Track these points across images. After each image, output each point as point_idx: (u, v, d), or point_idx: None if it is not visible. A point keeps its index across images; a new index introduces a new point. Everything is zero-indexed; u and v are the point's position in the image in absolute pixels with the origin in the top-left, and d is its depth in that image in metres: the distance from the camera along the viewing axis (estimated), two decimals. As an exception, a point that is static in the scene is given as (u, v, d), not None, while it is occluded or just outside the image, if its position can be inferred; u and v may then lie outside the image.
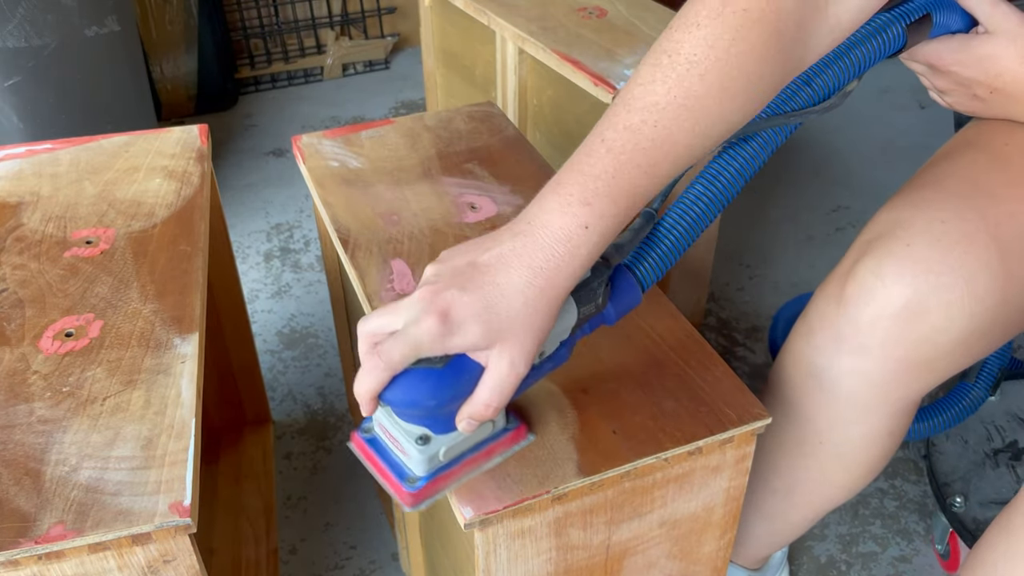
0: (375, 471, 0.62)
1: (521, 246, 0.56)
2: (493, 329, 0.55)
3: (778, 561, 1.06)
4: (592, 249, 0.56)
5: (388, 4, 2.26)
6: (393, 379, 0.56)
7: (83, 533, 0.58)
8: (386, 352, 0.55)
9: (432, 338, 0.54)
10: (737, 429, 0.66)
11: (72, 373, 0.70)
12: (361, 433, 0.63)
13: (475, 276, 0.55)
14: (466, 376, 0.56)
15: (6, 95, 1.38)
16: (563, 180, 0.57)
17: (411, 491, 0.59)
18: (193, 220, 0.86)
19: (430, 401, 0.56)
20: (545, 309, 0.56)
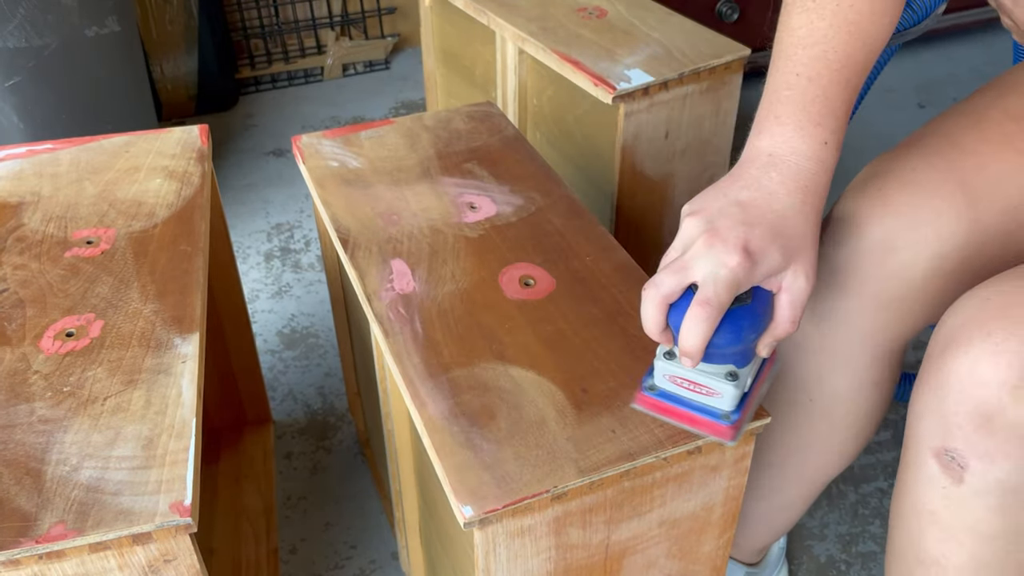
0: (679, 420, 0.64)
1: (781, 175, 0.62)
2: (787, 251, 0.60)
3: (776, 557, 1.07)
4: (834, 162, 0.64)
5: (388, 4, 2.26)
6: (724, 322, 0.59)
7: (84, 533, 0.58)
8: (711, 299, 0.58)
9: (744, 273, 0.58)
10: (736, 428, 0.66)
11: (73, 373, 0.70)
12: (647, 392, 0.65)
13: (750, 210, 0.60)
14: (767, 303, 0.61)
15: (6, 95, 1.38)
16: (780, 113, 0.64)
17: (730, 425, 0.62)
18: (193, 220, 0.86)
19: (753, 334, 0.61)
20: (817, 222, 0.63)
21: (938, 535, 0.67)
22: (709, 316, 0.58)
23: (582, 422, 0.66)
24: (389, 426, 0.88)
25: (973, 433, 0.61)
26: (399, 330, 0.74)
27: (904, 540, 0.71)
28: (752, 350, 0.63)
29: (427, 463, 0.75)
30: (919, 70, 2.22)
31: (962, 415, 0.61)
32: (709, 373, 0.62)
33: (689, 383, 0.63)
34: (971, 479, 0.62)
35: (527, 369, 0.70)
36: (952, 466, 0.63)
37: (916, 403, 0.66)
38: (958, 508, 0.64)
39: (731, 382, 0.62)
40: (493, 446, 0.64)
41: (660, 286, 0.60)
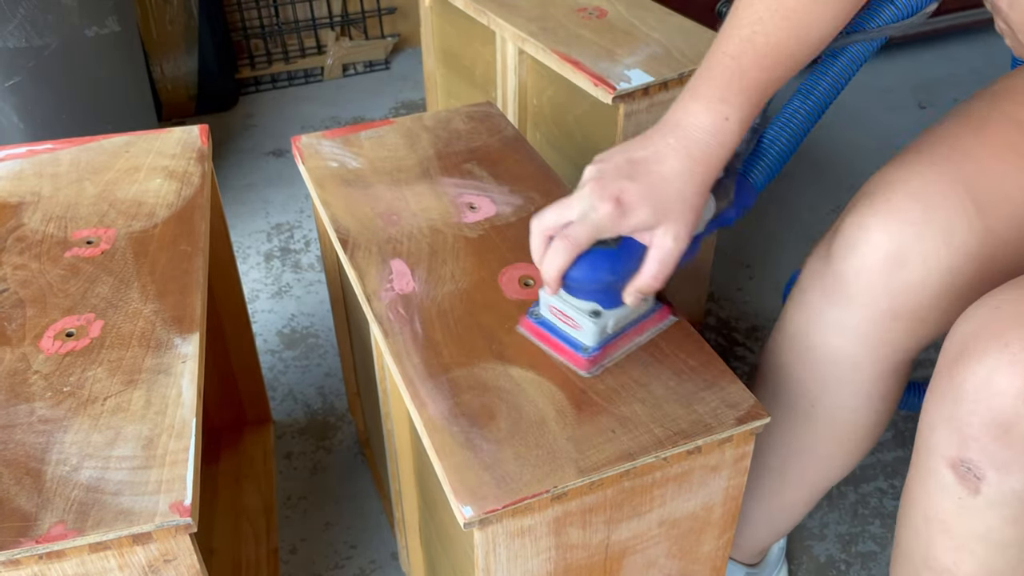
0: (548, 347, 0.72)
1: (675, 141, 0.67)
2: (659, 210, 0.65)
3: (776, 557, 1.07)
4: (733, 139, 0.68)
5: (388, 4, 2.26)
6: (576, 260, 0.66)
7: (84, 533, 0.58)
8: (573, 235, 0.65)
9: (611, 220, 0.64)
10: (736, 429, 0.66)
11: (73, 373, 0.70)
12: (531, 317, 0.73)
13: (638, 168, 0.66)
14: (635, 254, 0.67)
15: (7, 95, 1.38)
16: (698, 87, 0.69)
17: (586, 357, 0.69)
18: (194, 220, 0.86)
19: (609, 276, 0.67)
20: (701, 192, 0.67)
21: (949, 543, 0.67)
22: (566, 249, 0.65)
23: (582, 422, 0.66)
24: (389, 426, 0.88)
25: (990, 444, 0.61)
26: (399, 330, 0.74)
27: (912, 546, 0.71)
28: (616, 294, 0.68)
29: (427, 463, 0.75)
30: (919, 70, 2.22)
31: (978, 426, 0.61)
32: (576, 308, 0.69)
33: (562, 315, 0.70)
34: (987, 490, 0.62)
35: (527, 369, 0.70)
36: (968, 477, 0.63)
37: (928, 412, 0.66)
38: (972, 518, 0.64)
39: (593, 319, 0.69)
40: (493, 446, 0.64)
41: (542, 218, 0.67)
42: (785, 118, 0.78)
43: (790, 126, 0.78)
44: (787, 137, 0.78)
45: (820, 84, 0.78)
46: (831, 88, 0.77)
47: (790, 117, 0.78)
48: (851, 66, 0.77)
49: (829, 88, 0.77)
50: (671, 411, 0.67)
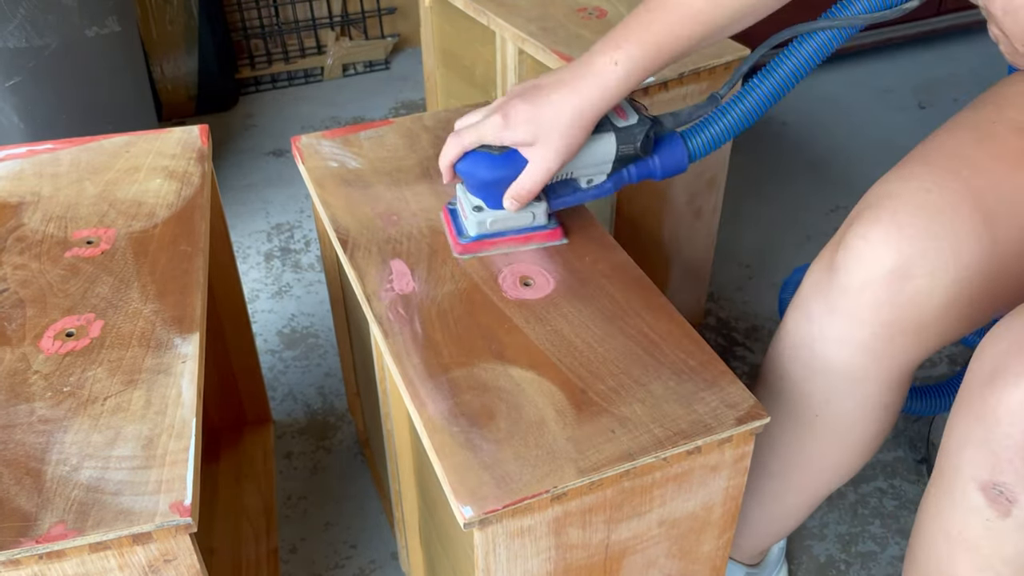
0: (447, 230, 0.84)
1: (568, 75, 0.76)
2: (538, 130, 0.75)
3: (776, 557, 1.07)
4: (618, 83, 0.74)
5: (388, 4, 2.26)
6: (464, 155, 0.79)
7: (84, 533, 0.58)
8: (462, 135, 0.79)
9: (494, 129, 0.77)
10: (736, 429, 0.66)
11: (73, 373, 0.70)
12: (448, 205, 0.86)
13: (535, 92, 0.76)
14: (513, 164, 0.77)
15: (7, 95, 1.38)
16: (609, 33, 0.76)
17: (462, 243, 0.81)
18: (194, 220, 0.86)
19: (484, 174, 0.78)
20: (578, 123, 0.75)
21: (974, 563, 0.66)
22: (453, 144, 0.79)
23: (582, 422, 0.66)
24: (389, 426, 0.88)
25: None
26: (399, 330, 0.74)
27: (931, 563, 0.70)
28: (498, 198, 0.79)
29: (427, 463, 0.75)
30: (919, 70, 2.22)
31: (1013, 449, 0.60)
32: (468, 201, 0.82)
33: (461, 206, 0.84)
34: (1019, 513, 0.61)
35: (527, 369, 0.70)
36: (1000, 500, 0.62)
37: (956, 431, 0.65)
38: (1000, 539, 0.63)
39: (475, 212, 0.81)
40: (493, 446, 0.64)
41: (459, 121, 0.80)
42: (739, 95, 0.80)
43: (742, 103, 0.80)
44: (737, 113, 0.80)
45: (781, 67, 0.78)
46: (792, 72, 0.78)
47: (744, 94, 0.80)
48: (816, 53, 0.78)
49: (790, 72, 0.78)
50: (671, 411, 0.67)
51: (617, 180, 0.82)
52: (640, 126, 0.79)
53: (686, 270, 1.35)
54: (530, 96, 0.76)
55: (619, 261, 0.82)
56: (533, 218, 0.81)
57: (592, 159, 0.79)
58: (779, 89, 0.79)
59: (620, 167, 0.81)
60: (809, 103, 2.10)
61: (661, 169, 0.82)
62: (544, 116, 0.74)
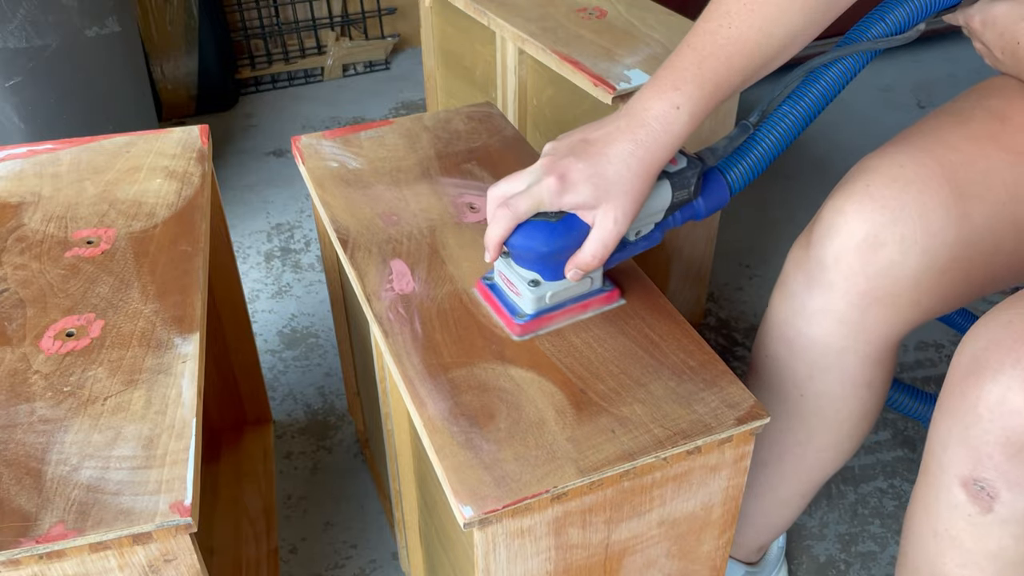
0: (491, 308, 0.76)
1: (625, 125, 0.69)
2: (601, 190, 0.67)
3: (775, 556, 1.07)
4: (683, 127, 0.69)
5: (388, 5, 2.26)
6: (517, 228, 0.69)
7: (84, 532, 0.58)
8: (514, 204, 0.68)
9: (551, 194, 0.67)
10: (735, 429, 0.66)
11: (73, 373, 0.70)
12: (484, 281, 0.78)
13: (588, 148, 0.68)
14: (575, 231, 0.69)
15: (7, 95, 1.38)
16: (658, 75, 0.70)
17: (520, 323, 0.73)
18: (194, 220, 0.86)
19: (544, 247, 0.70)
20: (644, 176, 0.68)
21: (959, 559, 0.66)
22: (506, 217, 0.68)
23: (582, 422, 0.66)
24: (389, 426, 0.88)
25: (1005, 463, 0.60)
26: (399, 330, 0.74)
27: (920, 560, 0.70)
28: (557, 268, 0.71)
29: (427, 463, 0.75)
30: (919, 70, 2.22)
31: (993, 444, 0.61)
32: (519, 275, 0.73)
33: (507, 281, 0.75)
34: (1000, 508, 0.62)
35: (527, 369, 0.71)
36: (981, 496, 0.63)
37: (939, 428, 0.66)
38: (983, 535, 0.64)
39: (531, 287, 0.72)
40: (493, 446, 0.64)
41: (496, 188, 0.70)
42: (772, 123, 0.79)
43: (776, 131, 0.78)
44: (771, 141, 0.78)
45: (810, 92, 0.78)
46: (820, 97, 0.78)
47: (777, 122, 0.79)
48: (842, 77, 0.78)
49: (818, 97, 0.78)
50: (671, 411, 0.67)
51: (663, 227, 0.76)
52: (691, 169, 0.74)
53: (686, 270, 1.35)
54: (585, 153, 0.68)
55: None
56: (591, 283, 0.75)
57: (648, 211, 0.73)
58: (809, 114, 0.78)
59: (670, 213, 0.76)
60: None
61: (705, 208, 0.77)
62: (607, 174, 0.67)
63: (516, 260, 0.73)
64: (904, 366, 1.40)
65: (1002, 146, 0.73)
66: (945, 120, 0.77)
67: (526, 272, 0.73)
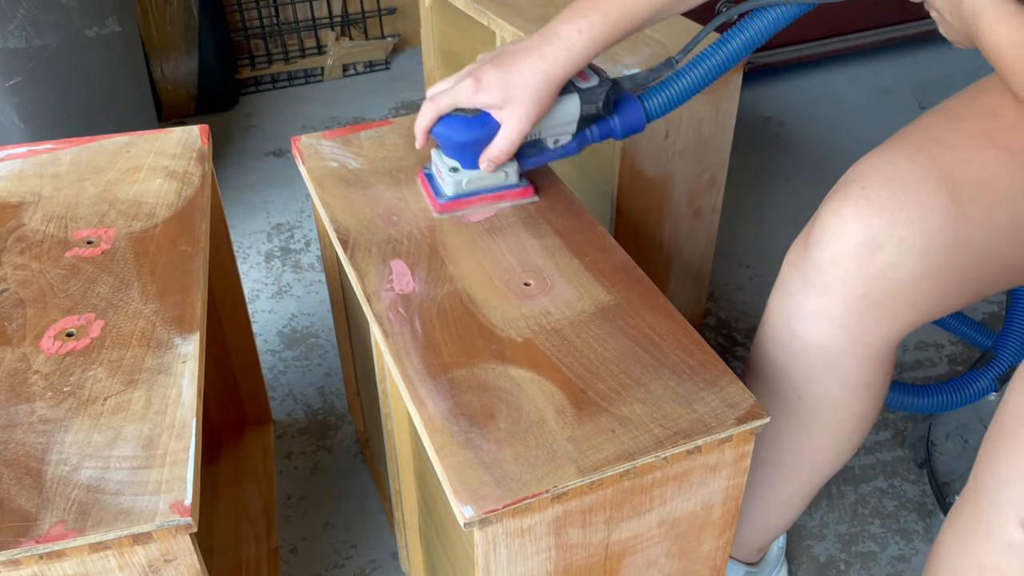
0: (424, 191, 0.89)
1: (537, 41, 0.81)
2: (508, 93, 0.80)
3: (776, 557, 1.07)
4: (583, 48, 0.80)
5: (388, 5, 2.27)
6: (439, 120, 0.83)
7: (84, 532, 0.58)
8: (437, 99, 0.83)
9: (467, 92, 0.81)
10: (736, 428, 0.66)
11: (73, 373, 0.70)
12: (423, 169, 0.91)
13: (503, 58, 0.81)
14: (487, 127, 0.82)
15: (7, 95, 1.38)
16: (573, 5, 0.81)
17: (440, 202, 0.86)
18: (194, 220, 0.86)
19: (459, 136, 0.83)
20: (546, 85, 0.81)
21: None
22: (428, 109, 0.83)
23: (582, 422, 0.66)
24: (389, 426, 0.88)
25: None
26: (399, 330, 0.74)
27: None
28: (474, 158, 0.84)
29: (427, 463, 0.75)
30: (918, 71, 2.22)
31: None
32: (444, 163, 0.87)
33: (436, 168, 0.88)
34: None
35: (527, 369, 0.71)
36: None
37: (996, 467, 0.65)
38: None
39: (451, 173, 0.86)
40: (493, 446, 0.64)
41: (433, 88, 0.84)
42: (695, 61, 0.87)
43: (697, 69, 0.87)
44: (692, 78, 0.87)
45: (737, 37, 0.85)
46: (746, 43, 0.85)
47: (700, 60, 0.87)
48: (769, 27, 0.84)
49: (744, 42, 0.85)
50: (671, 411, 0.67)
51: (581, 140, 0.87)
52: (601, 87, 0.85)
53: (686, 270, 1.35)
54: (500, 61, 0.81)
55: (619, 261, 0.82)
56: (506, 177, 0.86)
57: (558, 120, 0.85)
58: (732, 57, 0.86)
59: (583, 127, 0.86)
60: (809, 103, 2.10)
61: (621, 128, 0.87)
62: (515, 80, 0.80)
63: (442, 149, 0.86)
64: (904, 366, 1.40)
65: (996, 144, 0.73)
66: (939, 119, 0.77)
67: (449, 160, 0.86)
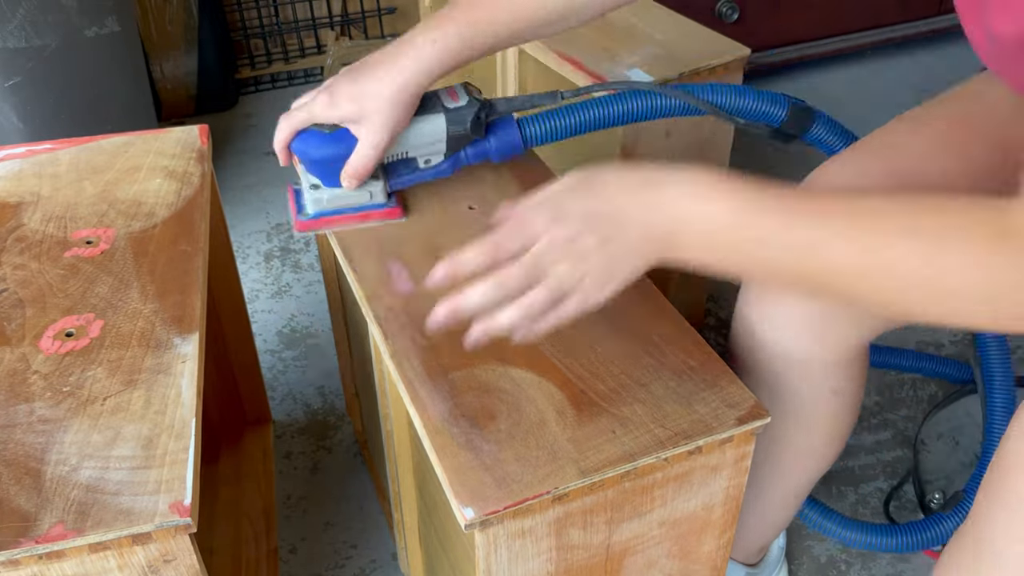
0: (290, 207, 0.86)
1: (392, 51, 0.78)
2: (362, 106, 0.77)
3: (776, 557, 1.07)
4: (433, 59, 0.77)
5: (388, 4, 2.26)
6: (298, 135, 0.80)
7: (83, 533, 0.58)
8: (292, 115, 0.80)
9: (321, 107, 0.78)
10: (736, 429, 0.66)
11: (72, 373, 0.70)
12: (293, 185, 0.88)
13: (359, 70, 0.78)
14: (344, 142, 0.79)
15: (6, 95, 1.38)
16: (433, 15, 0.79)
17: (300, 220, 0.84)
18: (193, 220, 0.86)
19: (315, 152, 0.80)
20: (399, 99, 0.77)
21: None
22: (284, 125, 0.80)
23: (582, 422, 0.66)
24: (388, 428, 0.88)
25: None
26: (397, 332, 0.74)
27: None
28: (335, 175, 0.81)
29: (427, 465, 0.75)
30: (918, 71, 2.22)
31: None
32: (307, 180, 0.84)
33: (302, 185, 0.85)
34: None
35: (527, 370, 0.70)
36: None
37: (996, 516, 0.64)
38: None
39: (312, 191, 0.83)
40: (493, 447, 0.64)
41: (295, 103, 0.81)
42: (593, 103, 0.85)
43: (587, 111, 0.85)
44: (579, 117, 0.85)
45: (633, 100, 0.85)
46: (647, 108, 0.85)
47: (592, 105, 0.85)
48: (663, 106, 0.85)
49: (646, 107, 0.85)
50: (671, 411, 0.67)
51: (455, 161, 0.85)
52: (470, 108, 0.82)
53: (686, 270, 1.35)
54: (354, 74, 0.78)
55: (619, 261, 0.82)
56: (371, 196, 0.83)
57: (424, 138, 0.82)
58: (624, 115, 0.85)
59: (456, 147, 0.84)
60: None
61: (496, 151, 0.85)
62: (367, 92, 0.77)
63: (304, 166, 0.84)
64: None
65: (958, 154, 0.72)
66: (899, 124, 0.77)
67: (311, 177, 0.84)
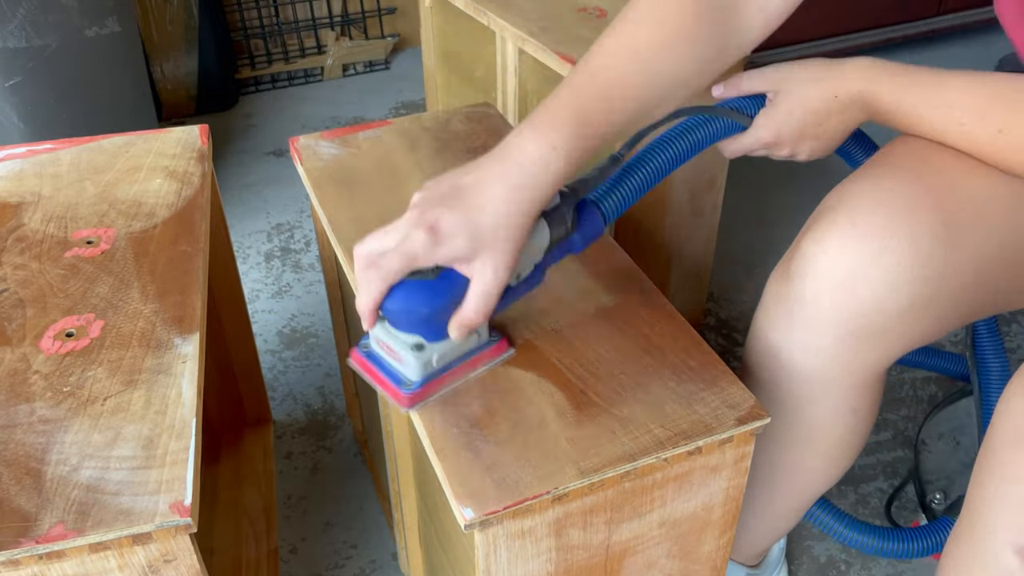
0: (373, 380, 0.69)
1: (499, 168, 0.63)
2: (476, 240, 0.61)
3: (776, 558, 1.07)
4: (560, 169, 0.63)
5: (388, 4, 2.26)
6: (391, 290, 0.63)
7: (84, 533, 0.58)
8: (385, 265, 0.62)
9: (424, 249, 0.61)
10: (736, 429, 0.66)
11: (73, 373, 0.70)
12: (359, 349, 0.70)
13: (459, 195, 0.62)
14: (455, 286, 0.63)
15: (7, 95, 1.38)
16: (535, 115, 0.65)
17: (407, 393, 0.66)
18: (194, 220, 0.86)
19: (424, 308, 0.63)
20: (521, 223, 0.63)
21: None
22: (375, 279, 0.62)
23: (582, 423, 0.66)
24: (388, 428, 0.88)
25: None
26: (399, 330, 0.74)
27: None
28: (440, 327, 0.65)
29: (426, 465, 0.75)
30: (919, 70, 2.22)
31: None
32: (400, 340, 0.66)
33: (387, 348, 0.67)
34: None
35: (527, 370, 0.70)
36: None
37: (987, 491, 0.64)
38: None
39: (415, 352, 0.66)
40: (493, 448, 0.64)
41: (362, 246, 0.64)
42: (645, 153, 0.76)
43: (650, 162, 0.75)
44: (644, 173, 0.75)
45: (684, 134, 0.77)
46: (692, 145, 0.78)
47: (650, 152, 0.76)
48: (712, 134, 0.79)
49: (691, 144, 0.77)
50: (671, 411, 0.67)
51: (543, 267, 0.71)
52: (566, 205, 0.69)
53: (686, 270, 1.35)
54: (455, 201, 0.62)
55: (619, 261, 0.82)
56: (478, 338, 0.70)
57: (527, 253, 0.67)
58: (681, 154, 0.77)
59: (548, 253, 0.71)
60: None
61: (581, 241, 0.72)
62: (481, 222, 0.61)
63: (395, 325, 0.66)
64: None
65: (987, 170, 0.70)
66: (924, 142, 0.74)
67: (407, 336, 0.66)
